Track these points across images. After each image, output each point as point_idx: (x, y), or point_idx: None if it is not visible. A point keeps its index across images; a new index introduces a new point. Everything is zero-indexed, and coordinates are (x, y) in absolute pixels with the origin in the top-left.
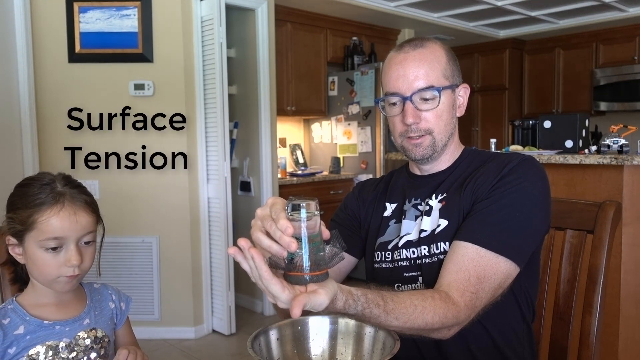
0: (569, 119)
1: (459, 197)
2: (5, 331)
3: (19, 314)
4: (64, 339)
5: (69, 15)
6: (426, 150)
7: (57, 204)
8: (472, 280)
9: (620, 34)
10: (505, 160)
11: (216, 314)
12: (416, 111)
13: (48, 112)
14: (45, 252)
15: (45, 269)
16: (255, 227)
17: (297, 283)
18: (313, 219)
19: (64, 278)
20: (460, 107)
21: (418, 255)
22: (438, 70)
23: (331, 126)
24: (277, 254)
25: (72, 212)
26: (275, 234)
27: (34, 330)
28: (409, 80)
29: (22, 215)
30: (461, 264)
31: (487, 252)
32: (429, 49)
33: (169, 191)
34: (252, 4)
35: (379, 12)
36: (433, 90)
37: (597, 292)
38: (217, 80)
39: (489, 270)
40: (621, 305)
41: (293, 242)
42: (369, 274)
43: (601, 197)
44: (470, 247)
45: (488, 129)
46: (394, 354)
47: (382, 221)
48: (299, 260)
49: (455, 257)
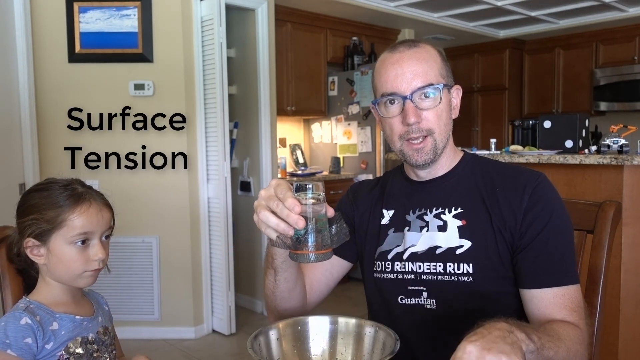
0: (569, 119)
1: (482, 218)
2: (43, 327)
3: (46, 311)
4: (90, 334)
5: (69, 15)
6: (428, 155)
7: (85, 202)
8: (574, 311)
9: (620, 34)
10: (522, 180)
11: (216, 314)
12: (417, 110)
13: (48, 112)
14: (73, 248)
15: (72, 265)
16: (261, 207)
17: (302, 261)
18: (319, 199)
19: (89, 272)
20: (455, 109)
21: (424, 270)
22: (436, 68)
23: (331, 126)
24: (284, 232)
25: (98, 209)
26: (283, 212)
27: (66, 326)
28: (407, 78)
29: (49, 215)
30: (554, 307)
31: (567, 288)
32: (423, 48)
33: (169, 191)
34: (252, 4)
35: (379, 12)
36: (433, 87)
37: (597, 292)
38: (217, 80)
39: (577, 299)
40: (621, 305)
41: (301, 220)
42: (369, 282)
43: (601, 197)
44: (556, 292)
45: (488, 129)
46: (394, 353)
47: (381, 229)
48: (304, 239)
49: (549, 308)
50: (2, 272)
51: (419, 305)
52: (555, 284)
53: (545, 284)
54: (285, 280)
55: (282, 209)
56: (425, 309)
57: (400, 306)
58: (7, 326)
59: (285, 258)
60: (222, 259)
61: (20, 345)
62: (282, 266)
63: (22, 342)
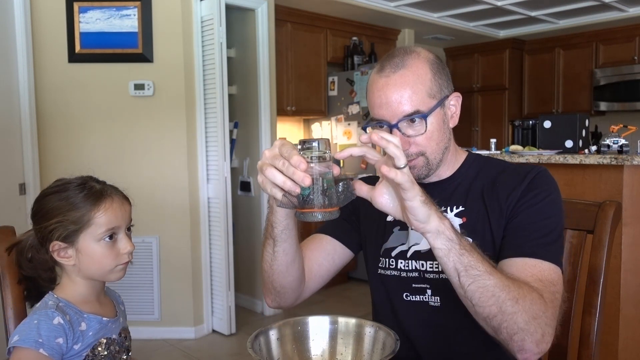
0: (569, 119)
1: (480, 213)
2: (74, 327)
3: (75, 310)
4: (113, 335)
5: (69, 15)
6: (421, 171)
7: (107, 198)
8: (540, 282)
9: (620, 34)
10: (522, 171)
11: (216, 314)
12: (404, 137)
13: (48, 112)
14: (102, 245)
15: (104, 260)
16: (265, 165)
17: (308, 220)
18: (324, 156)
19: (120, 266)
20: (453, 117)
21: (427, 268)
22: (422, 91)
23: (331, 126)
24: (291, 189)
25: (120, 204)
26: (289, 170)
27: (94, 327)
28: (392, 107)
29: (74, 216)
30: (521, 273)
31: (541, 262)
32: (410, 68)
33: (169, 191)
34: (252, 4)
35: (379, 12)
36: (418, 116)
37: (597, 292)
38: (217, 80)
39: (549, 276)
40: (621, 305)
41: (307, 177)
42: (374, 278)
43: (601, 197)
44: (527, 261)
45: (488, 129)
46: (394, 353)
47: (386, 226)
48: (311, 198)
49: (515, 272)
50: (2, 272)
51: (423, 302)
52: (529, 255)
53: (518, 253)
54: (284, 252)
55: (288, 167)
56: (429, 306)
57: (405, 303)
58: (40, 325)
59: (285, 227)
60: (222, 259)
61: (52, 345)
62: (281, 235)
63: (54, 342)
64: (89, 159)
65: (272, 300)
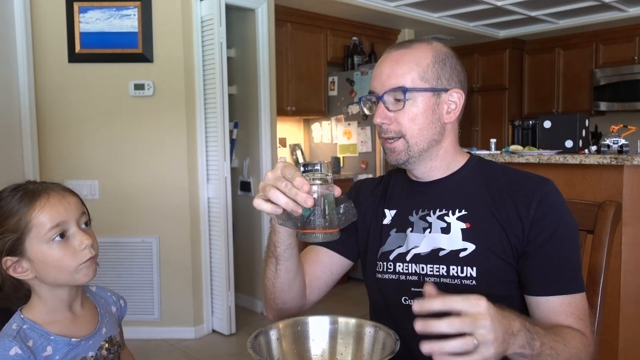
0: (569, 119)
1: (487, 222)
2: (35, 354)
3: (41, 333)
4: (90, 352)
5: (69, 15)
6: (400, 155)
7: (42, 195)
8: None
9: (620, 34)
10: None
11: (216, 314)
12: (386, 111)
13: (48, 112)
14: (54, 245)
15: (62, 263)
16: (269, 187)
17: (309, 240)
18: (326, 178)
19: (84, 264)
20: (450, 114)
21: (427, 272)
22: (415, 71)
23: (331, 126)
24: (294, 210)
25: (59, 197)
26: (291, 191)
27: (61, 350)
28: (382, 79)
29: (11, 224)
30: (561, 315)
31: (574, 296)
32: (412, 49)
33: (169, 191)
34: (252, 4)
35: (379, 12)
36: (404, 90)
37: (597, 292)
38: (217, 80)
39: (583, 308)
40: (621, 305)
41: (309, 198)
42: (371, 282)
43: (601, 197)
44: (563, 299)
45: (488, 129)
46: (394, 353)
47: (383, 229)
48: (312, 219)
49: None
50: None
51: None
52: (563, 292)
53: (553, 291)
54: (286, 270)
55: (291, 188)
56: None
57: (403, 307)
58: None
59: (288, 246)
60: (222, 259)
61: None
62: (284, 254)
63: None
64: (89, 159)
65: (273, 316)
